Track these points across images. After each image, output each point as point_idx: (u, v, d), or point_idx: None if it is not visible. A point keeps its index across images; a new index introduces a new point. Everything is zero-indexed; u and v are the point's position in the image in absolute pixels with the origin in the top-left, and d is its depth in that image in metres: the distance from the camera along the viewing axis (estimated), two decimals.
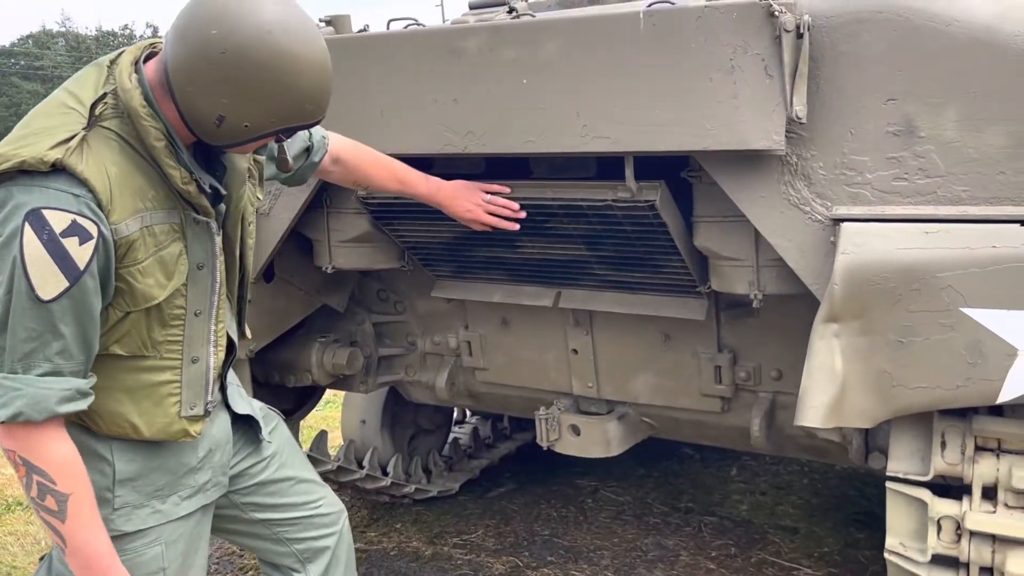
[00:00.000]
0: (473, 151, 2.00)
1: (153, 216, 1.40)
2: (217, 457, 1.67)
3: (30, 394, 1.31)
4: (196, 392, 1.55)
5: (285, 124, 1.40)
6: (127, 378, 1.47)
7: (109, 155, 1.35)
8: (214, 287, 1.53)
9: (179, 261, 1.45)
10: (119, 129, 1.37)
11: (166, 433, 1.53)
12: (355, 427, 3.46)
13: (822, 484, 3.63)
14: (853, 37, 1.69)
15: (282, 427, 1.92)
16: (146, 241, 1.39)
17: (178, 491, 1.60)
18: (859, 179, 1.72)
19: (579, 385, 2.62)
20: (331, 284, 2.73)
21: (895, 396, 1.65)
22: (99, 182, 1.32)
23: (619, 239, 2.13)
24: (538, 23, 1.88)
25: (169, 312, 1.47)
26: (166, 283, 1.43)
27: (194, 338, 1.52)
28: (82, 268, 1.29)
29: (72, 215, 1.29)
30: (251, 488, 1.80)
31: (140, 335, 1.46)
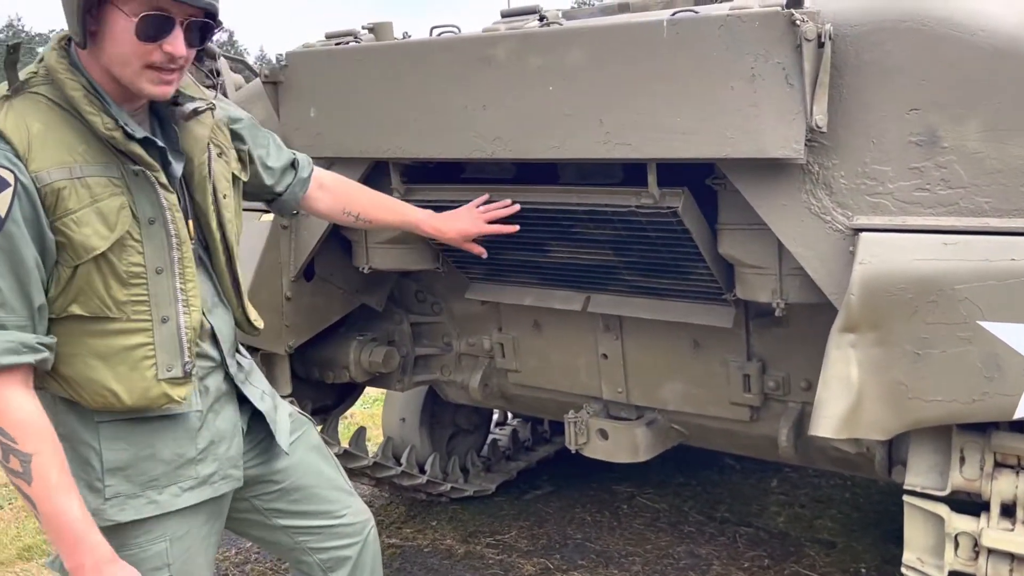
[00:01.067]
0: (501, 156, 2.04)
1: (84, 169, 1.41)
2: (223, 449, 1.64)
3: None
4: (171, 353, 1.51)
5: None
6: (98, 343, 1.46)
7: (34, 113, 1.40)
8: (171, 242, 1.51)
9: (121, 213, 1.44)
10: (47, 93, 1.42)
11: (147, 399, 1.49)
12: (395, 425, 3.54)
13: (864, 499, 3.57)
14: (876, 46, 1.68)
15: (311, 434, 1.90)
16: (78, 192, 1.40)
17: (177, 482, 1.57)
18: (880, 189, 1.71)
19: (609, 390, 2.63)
20: (370, 284, 2.80)
21: (911, 408, 1.63)
22: (16, 134, 1.37)
23: (644, 245, 2.15)
24: (565, 31, 1.91)
25: (125, 269, 1.46)
26: (108, 234, 1.43)
27: (160, 296, 1.50)
28: (3, 215, 1.33)
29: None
30: (274, 494, 1.79)
31: (97, 293, 1.45)
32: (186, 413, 1.59)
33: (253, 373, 1.79)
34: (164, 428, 1.56)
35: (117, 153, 1.45)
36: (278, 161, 1.86)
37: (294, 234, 2.52)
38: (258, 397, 1.74)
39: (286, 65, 2.34)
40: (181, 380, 1.54)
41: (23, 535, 3.57)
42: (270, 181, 1.86)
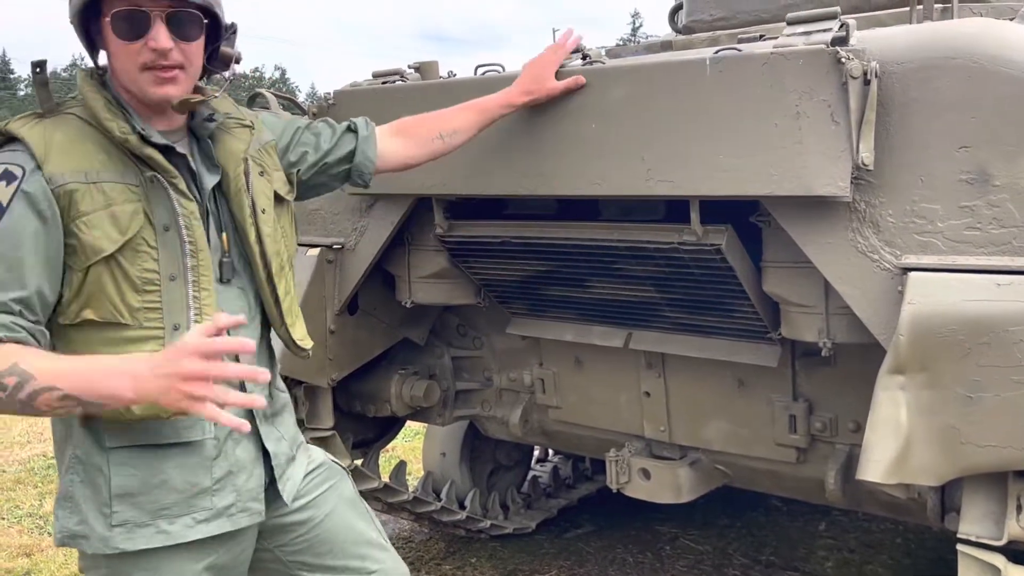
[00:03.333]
0: (542, 193, 2.04)
1: (101, 175, 1.45)
2: (242, 480, 1.58)
3: None
4: None
5: None
6: (112, 351, 1.44)
7: (61, 127, 1.46)
8: (184, 249, 1.50)
9: (134, 219, 1.46)
10: (78, 112, 1.49)
11: (155, 408, 1.42)
12: (435, 459, 3.53)
13: (917, 545, 3.45)
14: (924, 83, 1.66)
15: (344, 485, 1.82)
16: (92, 196, 1.43)
17: (191, 512, 1.52)
18: (930, 228, 1.67)
19: (651, 428, 2.60)
20: (412, 318, 2.82)
21: (963, 454, 1.58)
22: (36, 140, 1.43)
23: (687, 282, 2.13)
24: (607, 69, 1.92)
25: (139, 275, 1.46)
26: (118, 237, 1.44)
27: (173, 304, 1.48)
28: (4, 204, 1.39)
29: (4, 164, 1.41)
30: (299, 545, 1.72)
31: (110, 298, 1.45)
32: (200, 440, 1.54)
33: (282, 414, 1.73)
34: (176, 455, 1.52)
35: (135, 160, 1.48)
36: (334, 138, 1.82)
37: (339, 268, 2.55)
38: (274, 438, 1.66)
39: (333, 103, 2.39)
40: None
41: (70, 562, 3.63)
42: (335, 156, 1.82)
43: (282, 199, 1.70)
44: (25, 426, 5.85)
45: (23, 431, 5.72)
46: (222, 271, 1.57)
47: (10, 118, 1.50)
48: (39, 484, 4.66)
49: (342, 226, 2.56)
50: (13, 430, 5.76)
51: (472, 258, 2.43)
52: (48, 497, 4.43)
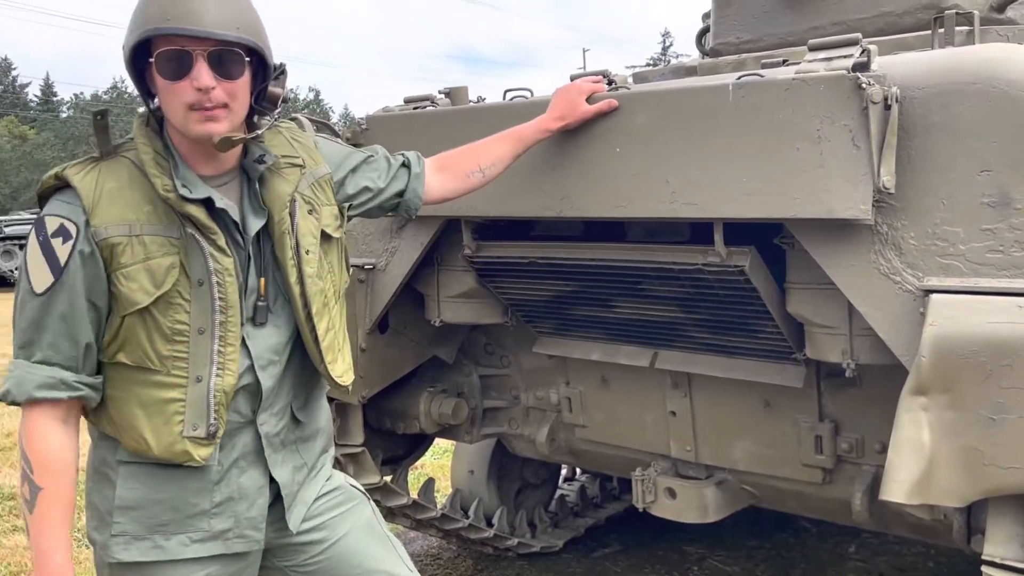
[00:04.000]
0: (568, 215, 2.09)
1: (144, 227, 1.50)
2: (242, 507, 1.61)
3: (17, 376, 1.46)
4: (198, 413, 1.53)
5: (140, 27, 1.45)
6: (141, 392, 1.53)
7: (112, 174, 1.52)
8: (215, 305, 1.53)
9: (169, 273, 1.50)
10: (132, 156, 1.55)
11: (171, 452, 1.52)
12: (464, 477, 3.56)
13: (948, 569, 3.41)
14: (945, 108, 1.68)
15: (362, 509, 1.81)
16: (133, 248, 1.48)
17: (186, 531, 1.57)
18: (952, 250, 1.69)
19: (677, 448, 2.61)
20: (441, 337, 2.86)
21: (987, 475, 1.58)
22: (86, 191, 1.49)
23: (712, 302, 2.15)
24: (632, 95, 1.97)
25: (170, 326, 1.51)
26: (152, 290, 1.50)
27: (198, 356, 1.53)
28: (63, 264, 1.46)
29: (61, 219, 1.48)
30: (311, 568, 1.74)
31: (140, 345, 1.51)
32: (205, 466, 1.58)
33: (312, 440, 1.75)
34: (179, 477, 1.57)
35: (178, 215, 1.52)
36: (390, 174, 1.87)
37: (370, 288, 2.61)
38: (289, 467, 1.68)
39: (366, 128, 2.46)
40: (204, 441, 1.55)
41: None
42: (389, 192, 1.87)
43: (330, 236, 1.71)
44: None
45: None
46: (256, 314, 1.60)
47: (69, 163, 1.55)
48: (78, 498, 4.76)
49: (373, 247, 2.62)
50: None
51: (499, 278, 2.48)
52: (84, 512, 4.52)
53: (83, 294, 1.49)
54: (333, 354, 1.70)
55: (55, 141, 41.21)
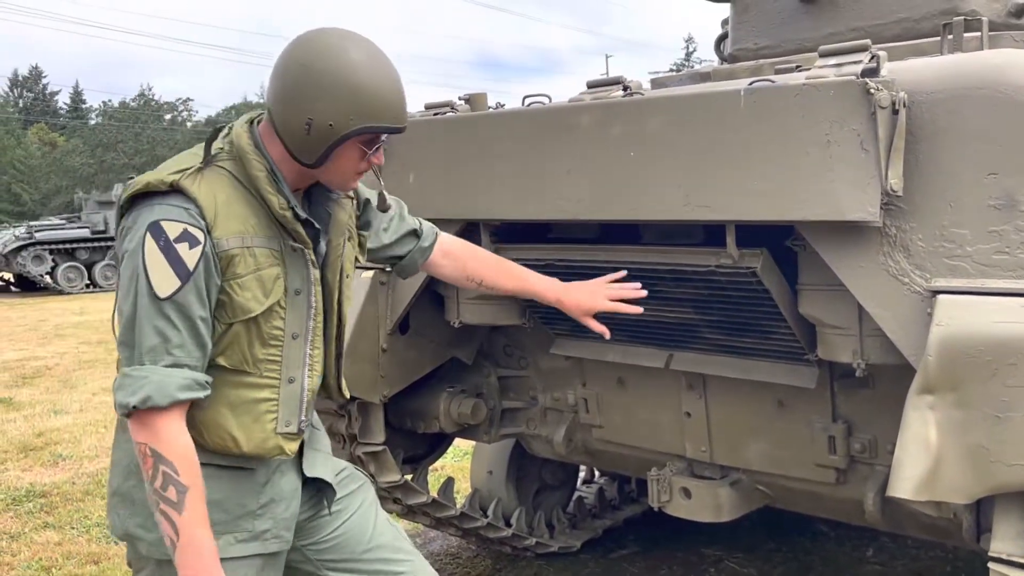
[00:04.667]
0: (583, 217, 2.14)
1: (254, 240, 1.59)
2: (280, 509, 1.71)
3: (156, 381, 1.48)
4: (291, 411, 1.67)
5: (363, 122, 1.55)
6: (231, 393, 1.61)
7: (219, 185, 1.59)
8: (310, 313, 1.67)
9: (276, 283, 1.61)
10: (231, 168, 1.61)
11: (263, 448, 1.63)
12: (482, 477, 3.62)
13: (967, 572, 3.41)
14: (952, 113, 1.71)
15: (366, 490, 1.93)
16: (246, 259, 1.58)
17: (233, 531, 1.64)
18: (959, 252, 1.72)
19: (692, 448, 2.65)
20: (460, 338, 2.92)
21: (993, 472, 1.61)
22: (206, 202, 1.55)
23: (725, 304, 2.19)
24: (646, 100, 2.02)
25: (268, 331, 1.62)
26: (263, 300, 1.60)
27: (291, 359, 1.66)
28: (191, 269, 1.51)
29: (183, 224, 1.52)
30: (328, 545, 1.83)
31: (241, 349, 1.61)
32: (253, 468, 1.68)
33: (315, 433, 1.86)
34: (234, 478, 1.66)
35: (281, 229, 1.64)
36: (396, 234, 1.99)
37: (391, 290, 2.67)
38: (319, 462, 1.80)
39: None
40: (294, 436, 1.69)
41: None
42: (388, 252, 2.00)
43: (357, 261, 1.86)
44: (94, 440, 6.11)
45: (91, 445, 5.97)
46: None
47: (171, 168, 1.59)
48: (106, 496, 4.86)
49: None
50: (83, 444, 6.03)
51: None
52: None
53: (206, 298, 1.56)
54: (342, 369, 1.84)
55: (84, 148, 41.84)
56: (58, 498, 4.86)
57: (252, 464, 1.68)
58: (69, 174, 40.22)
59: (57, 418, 6.85)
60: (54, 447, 5.96)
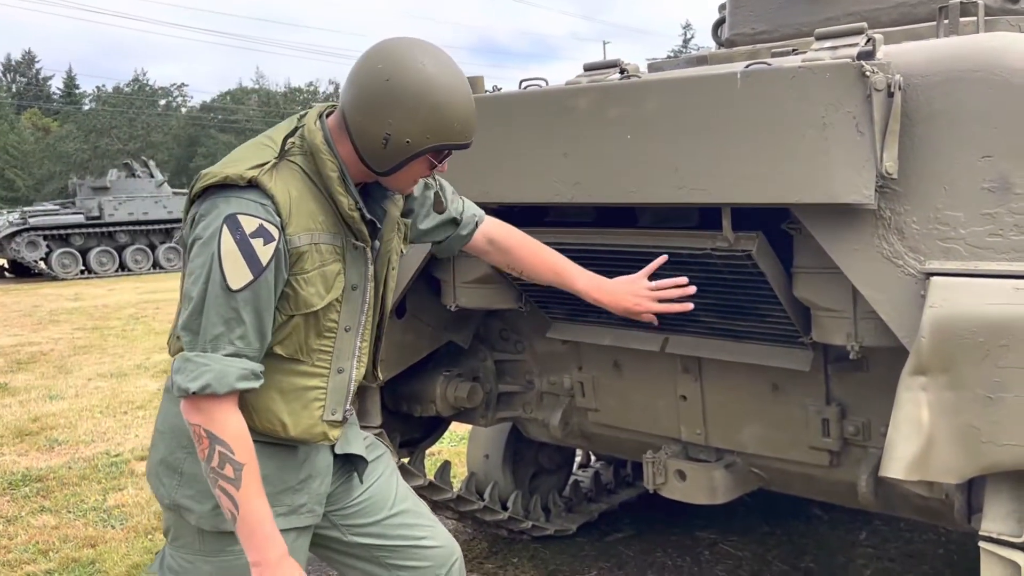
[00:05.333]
0: (580, 201, 2.14)
1: (321, 236, 1.64)
2: (316, 484, 1.79)
3: (217, 369, 1.52)
4: (338, 400, 1.74)
5: (438, 140, 1.62)
6: (283, 380, 1.67)
7: (292, 181, 1.62)
8: (363, 308, 1.74)
9: (337, 278, 1.68)
10: (302, 164, 1.65)
11: (309, 434, 1.70)
12: (479, 461, 3.63)
13: (959, 555, 3.44)
14: (947, 96, 1.72)
15: (388, 458, 2.02)
16: (313, 256, 1.63)
17: (276, 506, 1.69)
18: (952, 234, 1.73)
19: (688, 431, 2.67)
20: (457, 322, 2.93)
21: (984, 453, 1.63)
22: (282, 198, 1.59)
23: (720, 287, 2.20)
24: (642, 83, 2.02)
25: (325, 324, 1.68)
26: (325, 295, 1.66)
27: (342, 351, 1.72)
28: (264, 264, 1.55)
29: (260, 220, 1.55)
30: (352, 511, 1.90)
31: (299, 340, 1.66)
32: (296, 446, 1.74)
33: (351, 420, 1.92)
34: (279, 455, 1.73)
35: (345, 227, 1.68)
36: (434, 221, 2.01)
37: None
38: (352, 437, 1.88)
39: None
40: (339, 423, 1.76)
41: (132, 554, 3.81)
42: (426, 237, 2.05)
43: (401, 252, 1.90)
44: (90, 425, 6.12)
45: (87, 430, 5.98)
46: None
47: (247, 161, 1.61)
48: (102, 480, 4.89)
49: None
50: (79, 429, 6.04)
51: None
52: (111, 493, 4.65)
53: (273, 293, 1.59)
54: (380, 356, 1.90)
55: (78, 133, 41.62)
56: (54, 482, 4.88)
57: (295, 443, 1.73)
58: (63, 160, 40.03)
59: (52, 403, 6.85)
60: (50, 432, 5.97)
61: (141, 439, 5.63)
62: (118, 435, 5.82)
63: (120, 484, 4.78)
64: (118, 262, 19.81)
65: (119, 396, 6.99)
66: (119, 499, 4.51)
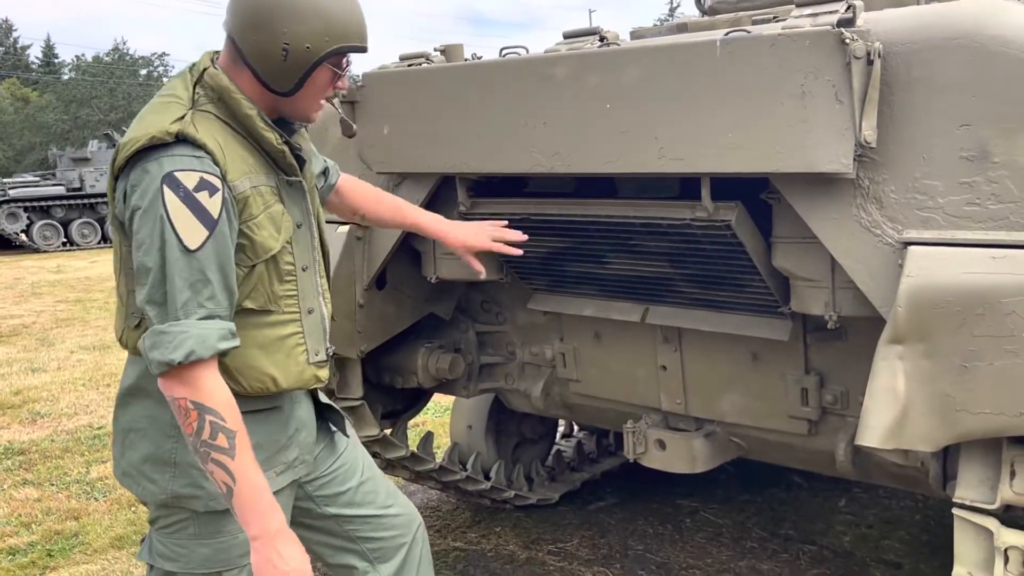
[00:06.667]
0: (559, 171, 2.12)
1: (258, 179, 1.60)
2: (303, 435, 1.79)
3: (195, 335, 1.46)
4: (317, 340, 1.73)
5: (338, 42, 1.59)
6: (259, 334, 1.64)
7: (213, 129, 1.57)
8: (313, 243, 1.72)
9: (283, 218, 1.65)
10: (215, 111, 1.60)
11: (301, 380, 1.69)
12: (462, 431, 3.65)
13: (935, 522, 3.49)
14: (926, 64, 1.71)
15: (351, 430, 2.02)
16: (256, 200, 1.60)
17: (273, 468, 1.69)
18: (930, 203, 1.73)
19: (668, 401, 2.68)
20: (438, 293, 2.92)
21: (958, 421, 1.64)
22: (214, 146, 1.54)
23: (700, 257, 2.20)
24: (621, 51, 1.99)
25: (283, 268, 1.66)
26: (277, 236, 1.63)
27: (306, 291, 1.71)
28: (216, 216, 1.50)
29: (199, 173, 1.50)
30: (325, 481, 1.88)
31: (265, 289, 1.64)
32: (280, 406, 1.72)
33: None
34: (264, 419, 1.70)
35: (273, 164, 1.65)
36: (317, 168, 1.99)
37: (367, 245, 2.66)
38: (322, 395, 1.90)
39: (363, 85, 2.49)
40: (325, 363, 1.76)
41: (115, 526, 3.81)
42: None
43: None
44: (72, 399, 6.09)
45: (70, 403, 5.96)
46: None
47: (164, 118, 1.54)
48: (85, 453, 4.88)
49: None
50: (61, 402, 6.01)
51: None
52: (94, 465, 4.64)
53: (231, 244, 1.55)
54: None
55: (57, 103, 40.98)
56: (37, 455, 4.86)
57: (281, 402, 1.72)
58: (43, 130, 39.45)
59: (35, 376, 6.82)
60: (32, 405, 5.95)
61: None
62: (101, 408, 5.80)
63: (103, 456, 4.76)
64: (100, 234, 19.62)
65: (102, 369, 6.95)
66: (102, 471, 4.50)
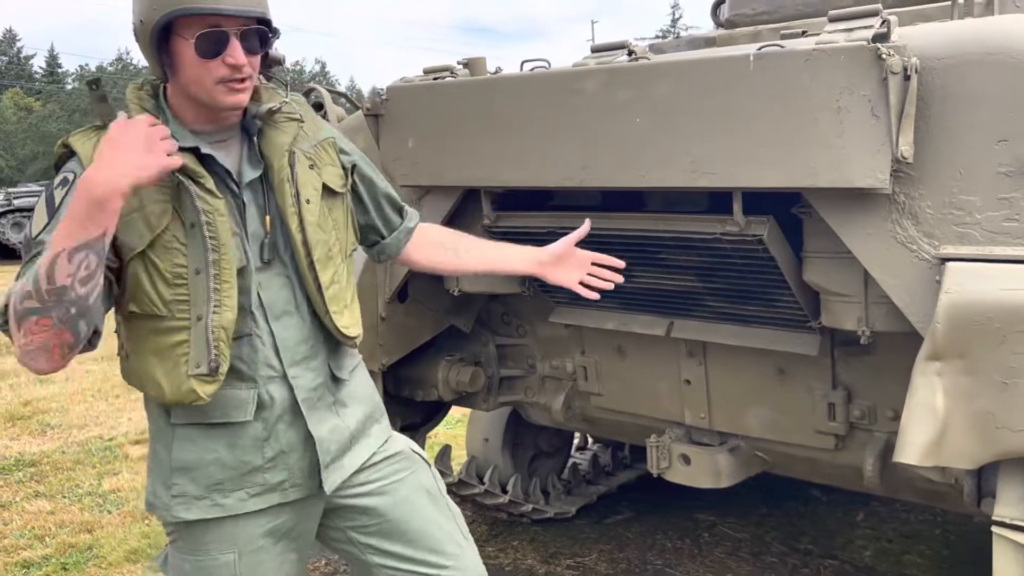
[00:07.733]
0: (588, 185, 2.12)
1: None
2: (294, 459, 1.67)
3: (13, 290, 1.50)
4: (200, 351, 1.57)
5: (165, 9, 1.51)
6: (154, 341, 1.59)
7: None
8: (207, 244, 1.57)
9: (163, 217, 1.57)
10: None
11: (179, 393, 1.57)
12: (479, 445, 3.63)
13: (956, 536, 3.47)
14: (963, 79, 1.70)
15: (422, 474, 1.84)
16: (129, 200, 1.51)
17: (244, 488, 1.63)
18: (968, 219, 1.72)
19: (691, 415, 2.66)
20: (459, 306, 2.91)
21: (998, 438, 1.62)
22: (86, 153, 1.56)
23: (729, 272, 2.19)
24: (652, 65, 1.99)
25: (170, 270, 1.57)
26: (147, 235, 1.56)
27: (197, 296, 1.58)
28: (57, 205, 1.52)
29: (64, 174, 1.56)
30: (371, 531, 1.77)
31: (146, 292, 1.57)
32: (245, 422, 1.62)
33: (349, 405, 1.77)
34: (226, 435, 1.63)
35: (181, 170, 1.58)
36: (388, 200, 1.90)
37: None
38: (328, 426, 1.70)
39: (387, 98, 2.49)
40: (207, 377, 1.57)
41: (129, 539, 3.79)
42: (378, 219, 1.90)
43: (334, 192, 1.75)
44: (82, 410, 6.08)
45: (80, 414, 5.94)
46: (263, 252, 1.65)
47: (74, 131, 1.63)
48: (96, 465, 4.86)
49: None
50: (71, 413, 5.99)
51: None
52: (106, 477, 4.62)
53: None
54: (338, 306, 1.71)
55: (60, 113, 41.11)
56: (48, 467, 4.84)
57: (245, 416, 1.62)
58: (46, 140, 39.54)
59: (43, 387, 6.80)
60: (42, 416, 5.93)
61: (135, 423, 5.59)
62: (111, 419, 5.78)
63: (115, 468, 4.75)
64: None
65: (111, 379, 6.93)
66: (114, 483, 4.49)
